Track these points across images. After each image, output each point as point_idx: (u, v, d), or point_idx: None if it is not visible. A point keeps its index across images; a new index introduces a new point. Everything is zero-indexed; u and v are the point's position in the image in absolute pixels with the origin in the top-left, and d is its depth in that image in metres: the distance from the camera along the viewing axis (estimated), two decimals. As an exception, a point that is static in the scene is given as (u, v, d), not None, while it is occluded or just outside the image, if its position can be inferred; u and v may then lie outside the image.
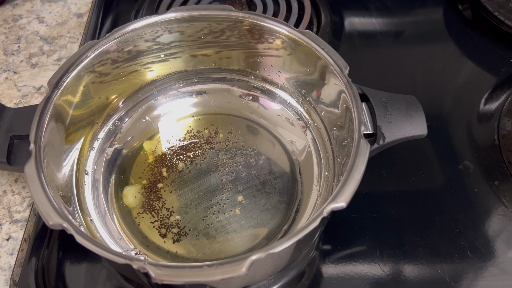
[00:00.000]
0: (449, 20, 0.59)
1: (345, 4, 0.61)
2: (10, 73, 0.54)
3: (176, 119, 0.47)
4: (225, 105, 0.48)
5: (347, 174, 0.30)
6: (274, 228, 0.40)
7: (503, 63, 0.54)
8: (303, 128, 0.45)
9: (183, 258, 0.38)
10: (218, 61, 0.46)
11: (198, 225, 0.40)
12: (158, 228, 0.39)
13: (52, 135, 0.35)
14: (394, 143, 0.37)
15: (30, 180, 0.30)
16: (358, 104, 0.34)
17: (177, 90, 0.48)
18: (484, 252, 0.40)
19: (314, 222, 0.28)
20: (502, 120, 0.47)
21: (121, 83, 0.43)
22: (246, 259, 0.26)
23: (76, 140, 0.41)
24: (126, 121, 0.45)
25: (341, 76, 0.36)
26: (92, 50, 0.38)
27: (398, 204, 0.43)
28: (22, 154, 0.36)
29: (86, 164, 0.42)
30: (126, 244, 0.38)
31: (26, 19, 0.59)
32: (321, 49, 0.38)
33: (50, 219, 0.28)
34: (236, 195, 0.41)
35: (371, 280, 0.38)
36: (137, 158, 0.44)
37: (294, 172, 0.43)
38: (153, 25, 0.40)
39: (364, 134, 0.33)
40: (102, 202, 0.40)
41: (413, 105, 0.37)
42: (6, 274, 0.39)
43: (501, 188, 0.44)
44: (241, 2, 0.58)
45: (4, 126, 0.36)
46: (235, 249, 0.39)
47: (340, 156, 0.39)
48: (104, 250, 0.27)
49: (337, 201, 0.29)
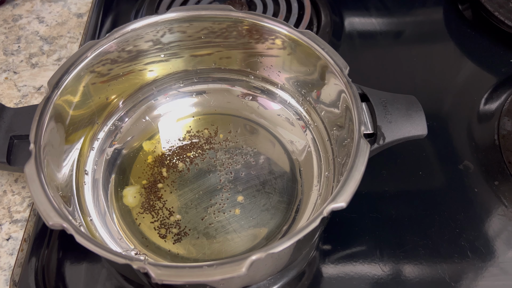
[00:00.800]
0: (449, 20, 0.59)
1: (345, 4, 0.61)
2: (10, 73, 0.54)
3: (176, 119, 0.47)
4: (225, 105, 0.48)
5: (347, 174, 0.30)
6: (274, 228, 0.40)
7: (503, 63, 0.54)
8: (303, 128, 0.45)
9: (183, 258, 0.38)
10: (218, 61, 0.46)
11: (198, 225, 0.40)
12: (158, 228, 0.39)
13: (52, 135, 0.35)
14: (394, 143, 0.37)
15: (30, 180, 0.30)
16: (358, 104, 0.34)
17: (177, 90, 0.48)
18: (484, 252, 0.40)
19: (314, 222, 0.28)
20: (502, 120, 0.47)
21: (121, 83, 0.43)
22: (246, 259, 0.26)
23: (76, 140, 0.41)
24: (126, 121, 0.45)
25: (341, 76, 0.36)
26: (92, 50, 0.38)
27: (398, 204, 0.43)
28: (22, 154, 0.36)
29: (86, 164, 0.42)
30: (126, 244, 0.38)
31: (26, 19, 0.59)
32: (321, 49, 0.38)
33: (50, 219, 0.28)
34: (236, 195, 0.41)
35: (371, 280, 0.38)
36: (137, 158, 0.44)
37: (294, 172, 0.43)
38: (153, 25, 0.40)
39: (364, 134, 0.33)
40: (102, 202, 0.40)
41: (413, 105, 0.37)
42: (6, 274, 0.39)
43: (501, 188, 0.44)
44: (241, 2, 0.58)
45: (4, 126, 0.36)
46: (235, 249, 0.39)
47: (340, 156, 0.39)
48: (104, 250, 0.27)
49: (337, 201, 0.29)
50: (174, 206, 0.41)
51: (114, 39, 0.39)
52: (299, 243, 0.28)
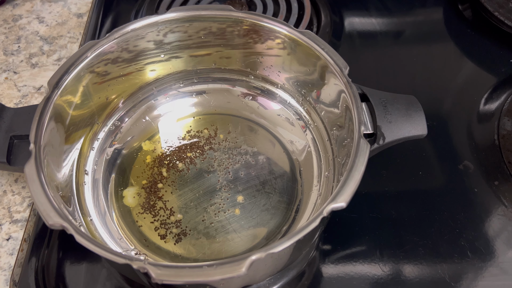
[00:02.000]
0: (449, 20, 0.59)
1: (345, 4, 0.61)
2: (10, 73, 0.54)
3: (176, 119, 0.47)
4: (225, 105, 0.48)
5: (347, 174, 0.30)
6: (274, 228, 0.40)
7: (503, 63, 0.54)
8: (303, 128, 0.45)
9: (183, 258, 0.38)
10: (218, 61, 0.46)
11: (198, 225, 0.40)
12: (158, 228, 0.39)
13: (52, 135, 0.35)
14: (394, 143, 0.37)
15: (30, 180, 0.30)
16: (358, 104, 0.34)
17: (177, 90, 0.48)
18: (484, 252, 0.40)
19: (314, 222, 0.28)
20: (502, 120, 0.47)
21: (121, 83, 0.43)
22: (246, 259, 0.26)
23: (76, 140, 0.41)
24: (126, 121, 0.45)
25: (341, 76, 0.36)
26: (92, 50, 0.38)
27: (398, 204, 0.43)
28: (22, 154, 0.36)
29: (86, 164, 0.42)
30: (126, 244, 0.38)
31: (26, 19, 0.59)
32: (321, 49, 0.38)
33: (50, 219, 0.28)
34: (236, 195, 0.41)
35: (371, 280, 0.38)
36: (137, 158, 0.44)
37: (294, 172, 0.43)
38: (153, 25, 0.40)
39: (364, 134, 0.33)
40: (102, 202, 0.40)
41: (413, 105, 0.37)
42: (6, 274, 0.39)
43: (501, 188, 0.44)
44: (241, 2, 0.58)
45: (4, 126, 0.36)
46: (235, 249, 0.39)
47: (340, 156, 0.39)
48: (104, 250, 0.27)
49: (337, 201, 0.29)
50: (174, 206, 0.41)
51: (114, 39, 0.39)
52: (299, 243, 0.28)
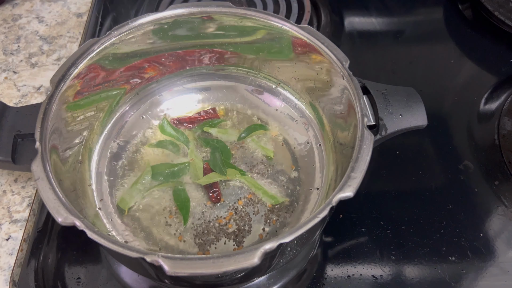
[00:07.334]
0: (449, 20, 0.59)
1: (345, 4, 0.61)
2: (10, 73, 0.53)
3: (180, 115, 0.47)
4: (229, 102, 0.48)
5: (353, 164, 0.31)
6: (274, 228, 0.39)
7: (503, 63, 0.54)
8: (305, 125, 0.45)
9: (190, 253, 0.38)
10: (221, 58, 0.46)
11: (201, 223, 0.39)
12: (163, 226, 0.39)
13: (56, 132, 0.35)
14: (396, 133, 0.37)
15: (37, 177, 0.30)
16: (360, 94, 0.35)
17: (181, 86, 0.48)
18: (484, 252, 0.40)
19: (323, 212, 0.28)
20: (502, 120, 0.47)
21: (123, 80, 0.43)
22: (258, 249, 0.26)
23: (80, 136, 0.41)
24: (130, 116, 0.45)
25: (342, 69, 0.36)
26: (93, 48, 0.38)
27: (398, 204, 0.43)
28: (26, 152, 0.36)
29: (90, 160, 0.42)
30: (131, 240, 0.38)
31: (25, 19, 0.59)
32: (321, 44, 0.38)
33: (60, 216, 0.28)
34: (237, 194, 0.41)
35: (371, 280, 0.38)
36: (140, 154, 0.44)
37: (295, 169, 0.43)
38: (155, 23, 0.40)
39: (367, 126, 0.33)
40: (107, 198, 0.40)
41: (412, 97, 0.38)
42: (5, 274, 0.39)
43: (501, 188, 0.44)
44: (241, 2, 0.58)
45: (7, 125, 0.36)
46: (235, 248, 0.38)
47: (342, 152, 0.39)
48: (117, 245, 0.27)
49: (345, 190, 0.29)
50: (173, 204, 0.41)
51: (115, 37, 0.39)
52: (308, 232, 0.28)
